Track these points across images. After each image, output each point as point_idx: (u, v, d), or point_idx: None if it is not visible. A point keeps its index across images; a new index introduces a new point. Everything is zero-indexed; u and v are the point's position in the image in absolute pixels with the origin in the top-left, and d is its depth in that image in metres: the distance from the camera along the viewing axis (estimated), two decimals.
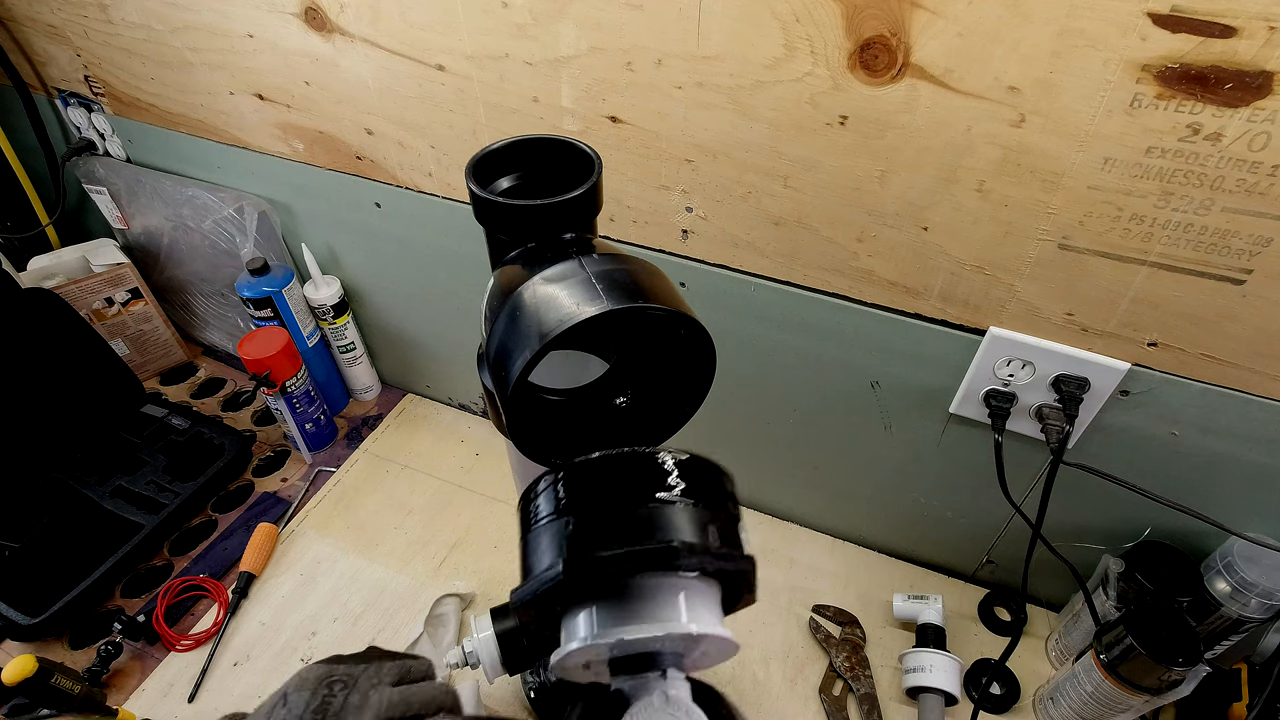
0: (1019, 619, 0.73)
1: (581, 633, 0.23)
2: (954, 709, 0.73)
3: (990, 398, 0.65)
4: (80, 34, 0.90)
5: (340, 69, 0.74)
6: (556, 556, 0.23)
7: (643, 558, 0.22)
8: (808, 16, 0.52)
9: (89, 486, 0.92)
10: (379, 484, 0.98)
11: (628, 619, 0.22)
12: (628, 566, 0.22)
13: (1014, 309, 0.60)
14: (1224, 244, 0.50)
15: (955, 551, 0.85)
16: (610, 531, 0.23)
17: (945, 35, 0.49)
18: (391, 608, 0.83)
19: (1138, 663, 0.61)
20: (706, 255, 0.70)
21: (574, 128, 0.67)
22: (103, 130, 1.01)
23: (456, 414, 1.09)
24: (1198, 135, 0.46)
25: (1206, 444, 0.61)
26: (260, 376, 0.90)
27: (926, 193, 0.57)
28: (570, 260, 0.31)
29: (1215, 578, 0.65)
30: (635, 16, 0.57)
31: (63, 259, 1.07)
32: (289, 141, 0.86)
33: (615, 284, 0.30)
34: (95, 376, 0.99)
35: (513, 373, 0.29)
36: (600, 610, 0.23)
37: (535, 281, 0.31)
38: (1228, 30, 0.42)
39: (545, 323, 0.28)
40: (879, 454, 0.78)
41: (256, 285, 0.93)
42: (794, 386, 0.76)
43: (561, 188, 0.34)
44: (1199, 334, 0.55)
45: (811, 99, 0.55)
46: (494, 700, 0.75)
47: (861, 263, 0.64)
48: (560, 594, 0.23)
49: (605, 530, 0.23)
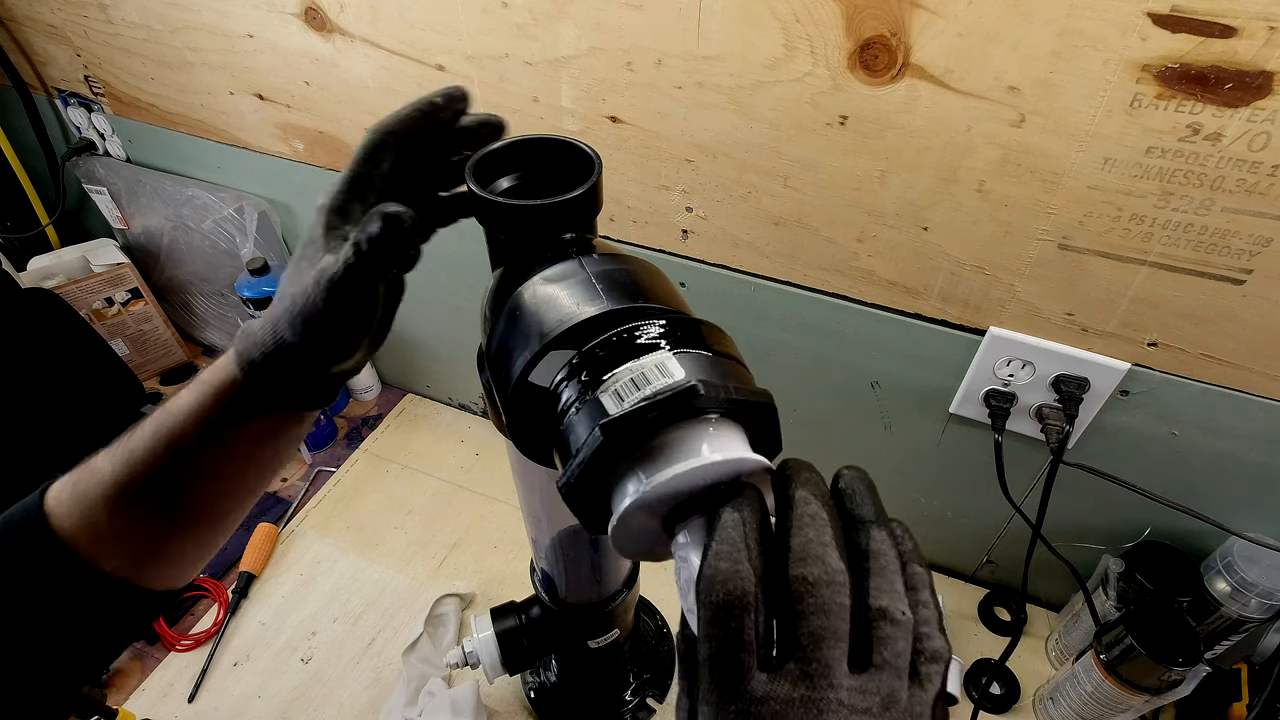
0: (1019, 619, 0.73)
1: (630, 489, 0.25)
2: (954, 709, 0.73)
3: (990, 398, 0.65)
4: (80, 34, 0.90)
5: (340, 69, 0.74)
6: (592, 426, 0.25)
7: (666, 404, 0.24)
8: (808, 16, 0.52)
9: None
10: (379, 484, 0.98)
11: (666, 466, 0.24)
12: (654, 415, 0.24)
13: (1014, 309, 0.60)
14: (1224, 244, 0.50)
15: (955, 551, 0.85)
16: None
17: (945, 35, 0.49)
18: (391, 608, 0.83)
19: (1138, 663, 0.61)
20: (706, 255, 0.70)
21: (574, 128, 0.67)
22: (103, 130, 1.01)
23: (456, 414, 1.09)
24: (1198, 135, 0.46)
25: (1206, 444, 0.61)
26: None
27: (926, 193, 0.57)
28: (570, 260, 0.32)
29: (1215, 578, 0.65)
30: (635, 16, 0.57)
31: (63, 259, 1.07)
32: (289, 141, 0.86)
33: (615, 284, 0.30)
34: (95, 376, 0.99)
35: (513, 373, 0.29)
36: (641, 468, 0.25)
37: (535, 281, 0.31)
38: (1228, 30, 0.42)
39: (545, 323, 0.29)
40: (879, 454, 0.78)
41: (256, 285, 0.93)
42: (794, 386, 0.76)
43: (562, 188, 0.34)
44: (1199, 334, 0.55)
45: (811, 99, 0.55)
46: (494, 700, 0.75)
47: (861, 263, 0.64)
48: (603, 458, 0.25)
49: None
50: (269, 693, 0.75)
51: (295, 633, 0.81)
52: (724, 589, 0.21)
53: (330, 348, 0.35)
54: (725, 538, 0.22)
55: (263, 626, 0.81)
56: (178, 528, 0.40)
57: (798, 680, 0.20)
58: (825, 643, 0.21)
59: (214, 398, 0.36)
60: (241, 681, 0.76)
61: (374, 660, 0.78)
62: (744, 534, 0.22)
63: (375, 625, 0.81)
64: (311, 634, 0.80)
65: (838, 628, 0.21)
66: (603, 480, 0.26)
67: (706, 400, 0.24)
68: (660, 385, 0.25)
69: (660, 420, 0.24)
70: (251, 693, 0.75)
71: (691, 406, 0.24)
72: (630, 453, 0.25)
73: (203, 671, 0.77)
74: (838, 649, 0.21)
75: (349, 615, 0.82)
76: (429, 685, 0.73)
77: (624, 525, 0.25)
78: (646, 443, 0.25)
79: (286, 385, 0.36)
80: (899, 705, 0.21)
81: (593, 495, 0.26)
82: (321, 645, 0.79)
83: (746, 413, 0.26)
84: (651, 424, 0.24)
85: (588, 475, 0.25)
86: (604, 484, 0.26)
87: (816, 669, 0.20)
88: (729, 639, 0.21)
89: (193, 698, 0.75)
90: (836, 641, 0.21)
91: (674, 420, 0.25)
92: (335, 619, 0.82)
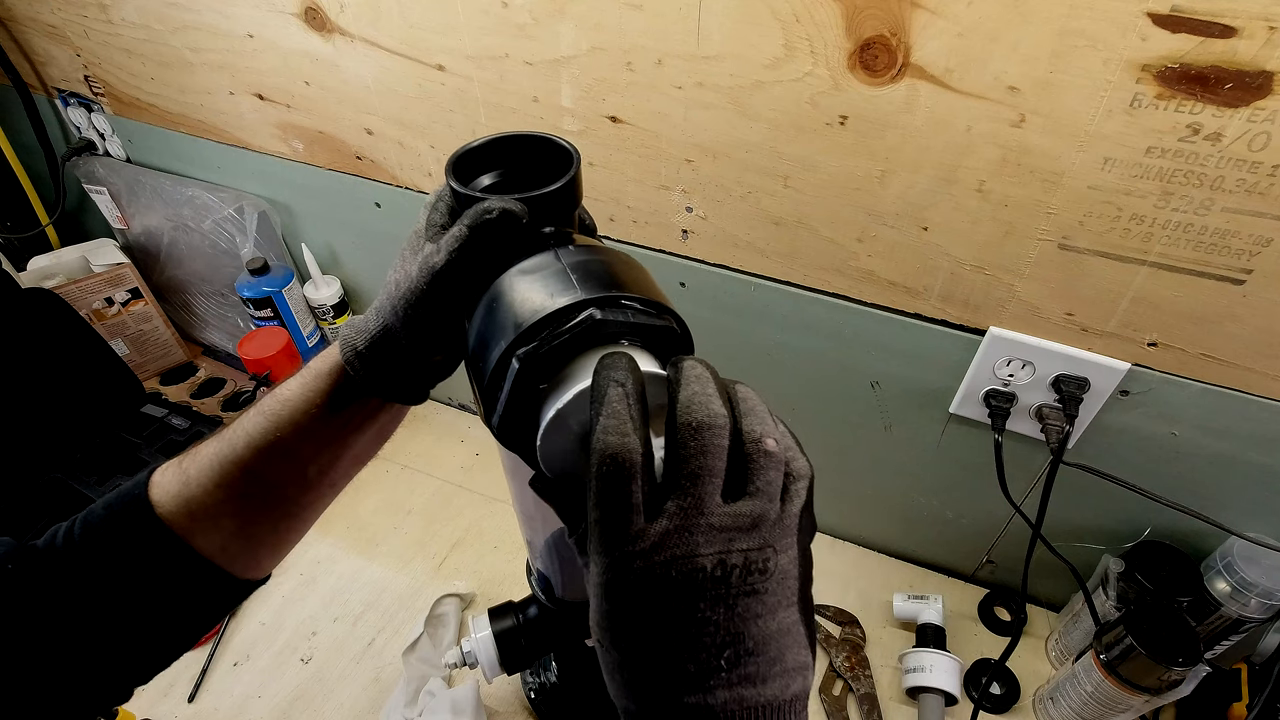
0: (1019, 619, 0.73)
1: (547, 412, 0.28)
2: (954, 709, 0.73)
3: (990, 398, 0.65)
4: (80, 34, 0.90)
5: (340, 69, 0.75)
6: (507, 362, 0.29)
7: (572, 330, 0.28)
8: (808, 16, 0.52)
9: (89, 486, 0.92)
10: (379, 484, 0.98)
11: (574, 384, 0.27)
12: (561, 342, 0.28)
13: (1014, 309, 0.60)
14: (1224, 244, 0.50)
15: (955, 551, 0.85)
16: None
17: (945, 35, 0.49)
18: (391, 608, 0.83)
19: (1138, 663, 0.61)
20: (706, 255, 0.70)
21: (574, 128, 0.67)
22: (103, 130, 1.01)
23: (456, 414, 1.09)
24: (1198, 135, 0.46)
25: (1206, 444, 0.61)
26: (260, 376, 0.90)
27: (926, 193, 0.57)
28: (546, 252, 0.32)
29: (1215, 578, 0.65)
30: (635, 16, 0.57)
31: (63, 259, 1.07)
32: (289, 141, 0.86)
33: (589, 274, 0.31)
34: (95, 376, 0.99)
35: (489, 364, 0.30)
36: (554, 393, 0.28)
37: (511, 274, 0.32)
38: (1228, 30, 0.42)
39: (520, 314, 0.29)
40: (879, 454, 0.78)
41: (256, 285, 0.93)
42: (794, 386, 0.76)
43: (542, 182, 0.35)
44: (1199, 334, 0.55)
45: (811, 99, 0.55)
46: (494, 700, 0.75)
47: (861, 263, 0.64)
48: (522, 385, 0.28)
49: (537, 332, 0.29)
50: (269, 693, 0.75)
51: (295, 633, 0.81)
52: (613, 460, 0.23)
53: (430, 333, 0.36)
54: (611, 411, 0.24)
55: (263, 626, 0.81)
56: (269, 513, 0.41)
57: (673, 515, 0.24)
58: (701, 480, 0.24)
59: (316, 381, 0.38)
60: (241, 681, 0.76)
61: (374, 660, 0.78)
62: (627, 405, 0.24)
63: (375, 625, 0.81)
64: (311, 634, 0.80)
65: (714, 465, 0.24)
66: (529, 413, 0.29)
67: (610, 327, 0.28)
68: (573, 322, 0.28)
69: (567, 347, 0.28)
70: (251, 693, 0.75)
71: (598, 334, 0.28)
72: (547, 379, 0.28)
73: (203, 671, 0.77)
74: (711, 484, 0.24)
75: (349, 615, 0.82)
76: (429, 685, 0.73)
77: (547, 442, 0.28)
78: (559, 371, 0.28)
79: (387, 371, 0.37)
80: (768, 522, 0.24)
81: (522, 428, 0.29)
82: (321, 645, 0.79)
83: (654, 338, 0.30)
84: (560, 350, 0.28)
85: (513, 405, 0.28)
86: (531, 417, 0.29)
87: (690, 503, 0.24)
88: (619, 504, 0.23)
89: (193, 698, 0.75)
90: (711, 478, 0.24)
91: (582, 348, 0.28)
92: (335, 619, 0.82)
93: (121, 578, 0.38)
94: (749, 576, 0.24)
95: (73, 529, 0.39)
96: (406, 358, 0.37)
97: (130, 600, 0.38)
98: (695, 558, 0.23)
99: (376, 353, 0.37)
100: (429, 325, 0.35)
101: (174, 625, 0.41)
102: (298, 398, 0.38)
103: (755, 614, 0.24)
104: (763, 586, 0.24)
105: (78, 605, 0.38)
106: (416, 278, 0.34)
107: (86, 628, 0.38)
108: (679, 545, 0.23)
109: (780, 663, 0.24)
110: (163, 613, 0.40)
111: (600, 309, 0.28)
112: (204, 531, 0.39)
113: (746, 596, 0.24)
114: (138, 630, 0.39)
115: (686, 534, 0.23)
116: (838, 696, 0.75)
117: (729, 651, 0.23)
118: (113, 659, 0.39)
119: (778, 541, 0.24)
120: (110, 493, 0.41)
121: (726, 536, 0.24)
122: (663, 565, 0.23)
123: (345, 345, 0.37)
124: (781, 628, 0.24)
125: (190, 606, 0.41)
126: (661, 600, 0.23)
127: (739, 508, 0.24)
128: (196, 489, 0.39)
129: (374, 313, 0.37)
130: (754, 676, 0.24)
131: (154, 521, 0.38)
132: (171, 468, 0.40)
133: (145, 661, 0.41)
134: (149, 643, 0.41)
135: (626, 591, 0.24)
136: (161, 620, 0.40)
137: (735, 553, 0.24)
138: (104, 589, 0.38)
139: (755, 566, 0.24)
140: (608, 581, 0.24)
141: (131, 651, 0.40)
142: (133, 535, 0.39)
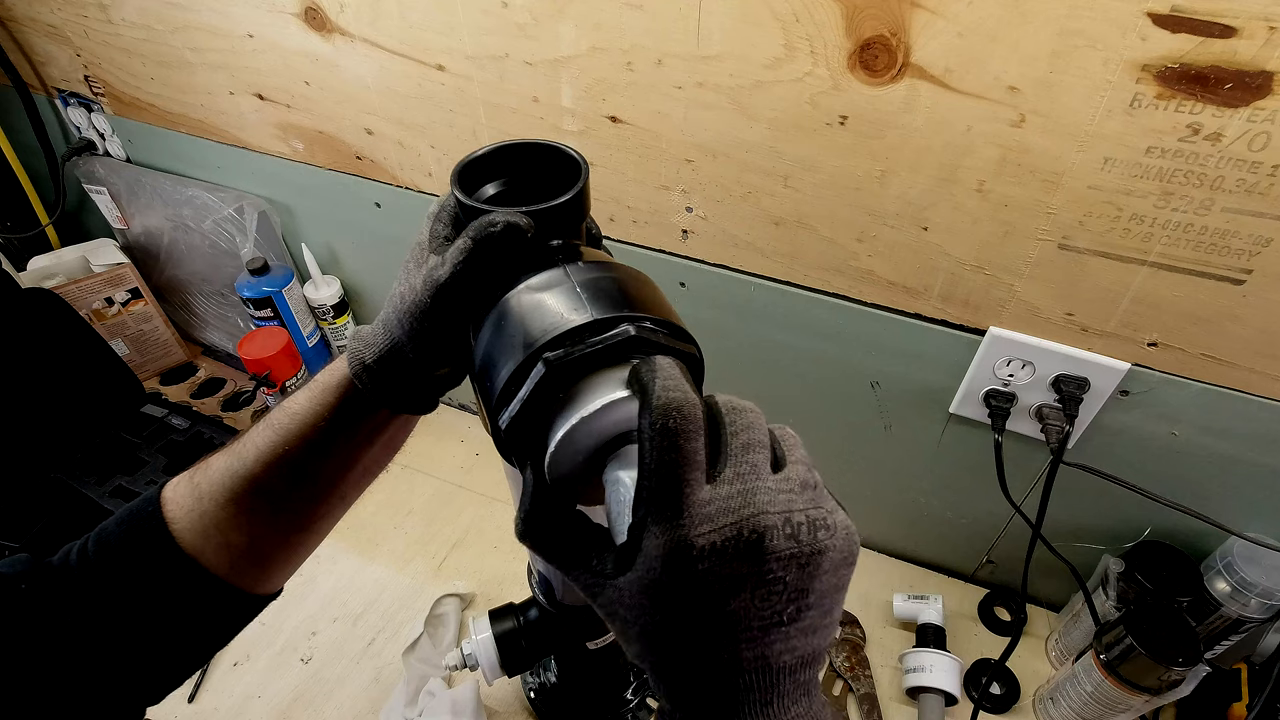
0: (1019, 619, 0.73)
1: (559, 429, 0.27)
2: (954, 709, 0.73)
3: (990, 398, 0.65)
4: (80, 34, 0.90)
5: (340, 69, 0.75)
6: (531, 365, 0.28)
7: (599, 345, 0.28)
8: (808, 16, 0.52)
9: (89, 486, 0.92)
10: (379, 484, 0.96)
11: (594, 399, 0.27)
12: (595, 353, 0.28)
13: (1014, 309, 0.60)
14: (1224, 244, 0.50)
15: (955, 551, 0.85)
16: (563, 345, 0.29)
17: (945, 35, 0.49)
18: (391, 608, 0.83)
19: (1138, 663, 0.61)
20: (706, 255, 0.70)
21: (574, 128, 0.67)
22: (103, 130, 1.01)
23: (456, 414, 1.09)
24: (1198, 135, 0.46)
25: (1206, 444, 0.61)
26: (260, 376, 0.90)
27: (926, 193, 0.57)
28: (556, 268, 0.32)
29: (1215, 578, 0.65)
30: (635, 16, 0.57)
31: (63, 259, 1.07)
32: (289, 141, 0.86)
33: (600, 292, 0.30)
34: (95, 376, 0.99)
35: (497, 383, 0.29)
36: (579, 401, 0.27)
37: (520, 290, 0.31)
38: (1228, 30, 0.42)
39: (530, 332, 0.29)
40: (879, 454, 0.78)
41: (256, 285, 0.93)
42: (794, 387, 0.76)
43: (549, 193, 0.33)
44: (1199, 334, 0.55)
45: (811, 99, 0.55)
46: (494, 701, 0.75)
47: (861, 263, 0.64)
48: (544, 391, 0.28)
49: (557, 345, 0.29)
50: (269, 693, 0.75)
51: (295, 633, 0.81)
52: (679, 414, 0.24)
53: (436, 346, 0.36)
54: (668, 375, 0.25)
55: (263, 626, 0.81)
56: (280, 526, 0.41)
57: (732, 480, 0.24)
58: (753, 449, 0.25)
59: (324, 394, 0.38)
60: (241, 681, 0.76)
61: (374, 660, 0.78)
62: (681, 371, 0.26)
63: (375, 625, 0.81)
64: (312, 634, 0.80)
65: (761, 439, 0.26)
66: (540, 421, 0.28)
67: (644, 347, 0.28)
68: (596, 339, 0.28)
69: (597, 358, 0.28)
70: (251, 693, 0.75)
71: (625, 352, 0.28)
72: (566, 389, 0.28)
73: (203, 671, 0.77)
74: (762, 454, 0.25)
75: (349, 615, 0.82)
76: (429, 685, 0.73)
77: (562, 449, 0.28)
78: (578, 383, 0.28)
79: (394, 382, 0.37)
80: (811, 487, 0.26)
81: (528, 434, 0.29)
82: (321, 645, 0.79)
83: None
84: (589, 360, 0.28)
85: (529, 409, 0.28)
86: (540, 425, 0.28)
87: (747, 469, 0.25)
88: (685, 459, 0.24)
89: (193, 698, 0.75)
90: (761, 448, 0.26)
91: (606, 364, 0.28)
92: (335, 619, 0.82)
93: (136, 599, 0.38)
94: (817, 533, 0.24)
95: (87, 547, 0.39)
96: (414, 370, 0.37)
97: (145, 621, 0.39)
98: (764, 515, 0.24)
99: (384, 366, 0.37)
100: (435, 338, 0.35)
101: (187, 646, 0.41)
102: (306, 411, 0.38)
103: (823, 570, 0.24)
104: (830, 543, 0.25)
105: (92, 626, 0.38)
106: (421, 291, 0.34)
107: (100, 648, 0.38)
108: (746, 506, 0.24)
109: (830, 615, 0.25)
110: (177, 633, 0.40)
111: (634, 325, 0.28)
112: (216, 549, 0.39)
113: (818, 554, 0.24)
114: (152, 651, 0.39)
115: (751, 495, 0.24)
116: (837, 696, 0.75)
117: (792, 607, 0.24)
118: (126, 679, 0.39)
119: (827, 503, 0.25)
120: (123, 508, 0.41)
121: (786, 498, 0.24)
122: (733, 526, 0.23)
123: (353, 359, 0.37)
124: (841, 583, 0.25)
125: (204, 627, 0.41)
126: (733, 563, 0.23)
127: (789, 473, 0.25)
128: (209, 503, 0.39)
129: (380, 325, 0.37)
130: (809, 629, 0.25)
131: (168, 542, 0.38)
132: (184, 482, 0.40)
133: (157, 682, 0.41)
134: (162, 663, 0.41)
135: (692, 560, 0.23)
136: (175, 641, 0.40)
137: (797, 512, 0.24)
138: (119, 610, 0.38)
139: (820, 523, 0.25)
140: (672, 550, 0.23)
141: (145, 672, 0.40)
142: (147, 556, 0.39)
